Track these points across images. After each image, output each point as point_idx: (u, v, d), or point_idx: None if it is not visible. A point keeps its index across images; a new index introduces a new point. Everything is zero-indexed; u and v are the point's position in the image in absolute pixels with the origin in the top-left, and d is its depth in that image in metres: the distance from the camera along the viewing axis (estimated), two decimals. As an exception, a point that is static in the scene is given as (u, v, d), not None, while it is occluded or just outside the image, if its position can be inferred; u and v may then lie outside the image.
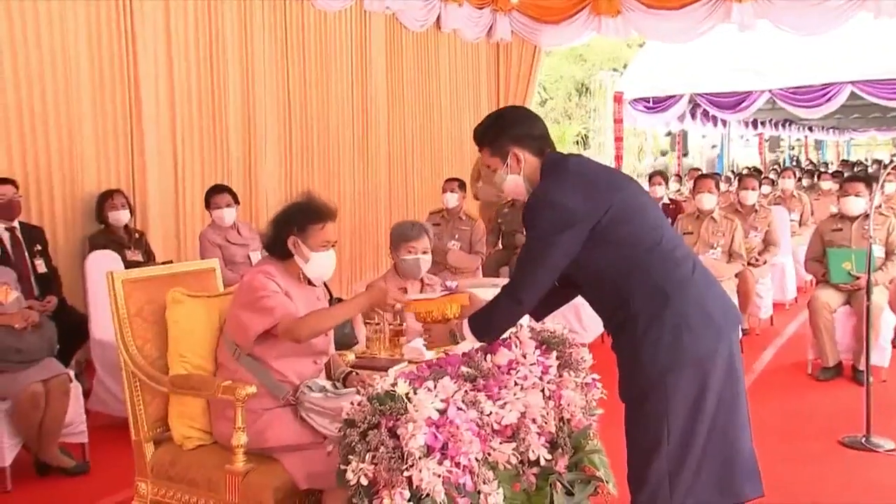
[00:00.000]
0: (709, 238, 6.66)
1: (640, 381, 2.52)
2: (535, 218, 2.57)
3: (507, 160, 2.68)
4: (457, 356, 2.71)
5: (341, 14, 8.53)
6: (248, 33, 7.42)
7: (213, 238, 5.90)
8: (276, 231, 3.02)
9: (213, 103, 7.10)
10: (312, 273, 3.05)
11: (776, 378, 6.19)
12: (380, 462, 2.21)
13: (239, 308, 2.93)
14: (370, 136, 9.04)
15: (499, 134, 2.71)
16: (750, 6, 9.20)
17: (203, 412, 3.03)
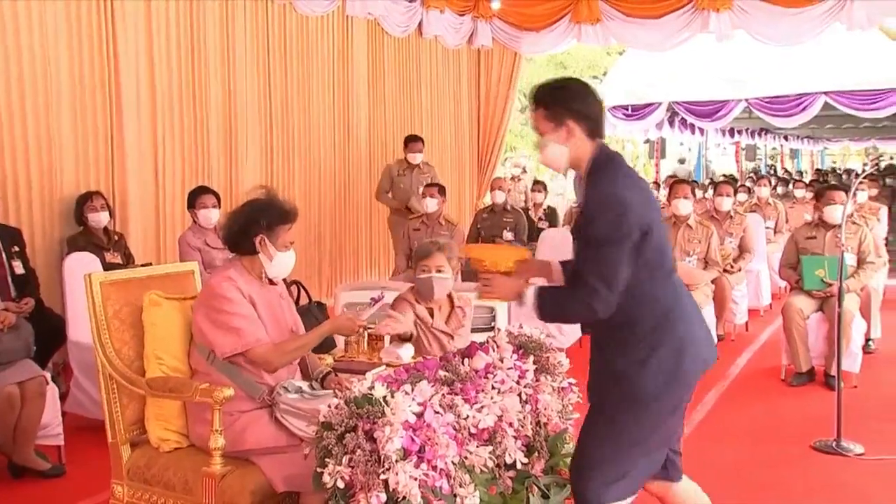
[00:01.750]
0: (685, 245, 6.70)
1: (627, 399, 2.60)
2: (609, 213, 2.51)
3: (559, 129, 2.67)
4: (435, 361, 2.71)
5: (323, 19, 8.52)
6: (229, 36, 7.39)
7: (192, 241, 5.86)
8: (243, 228, 3.02)
9: (194, 106, 7.07)
10: (274, 272, 3.07)
11: (750, 383, 6.23)
12: (356, 465, 2.21)
13: (204, 318, 2.92)
14: (351, 140, 9.04)
15: (560, 100, 2.69)
16: (727, 16, 9.27)
17: (180, 414, 3.01)
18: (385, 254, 9.42)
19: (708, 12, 9.32)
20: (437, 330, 3.93)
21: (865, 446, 4.70)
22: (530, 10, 10.54)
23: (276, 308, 3.08)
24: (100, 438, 3.19)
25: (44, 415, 4.18)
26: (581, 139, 2.67)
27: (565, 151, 2.69)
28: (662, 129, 16.72)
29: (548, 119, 2.69)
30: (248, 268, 3.04)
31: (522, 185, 12.96)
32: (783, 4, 8.99)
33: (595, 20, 10.10)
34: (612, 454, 2.64)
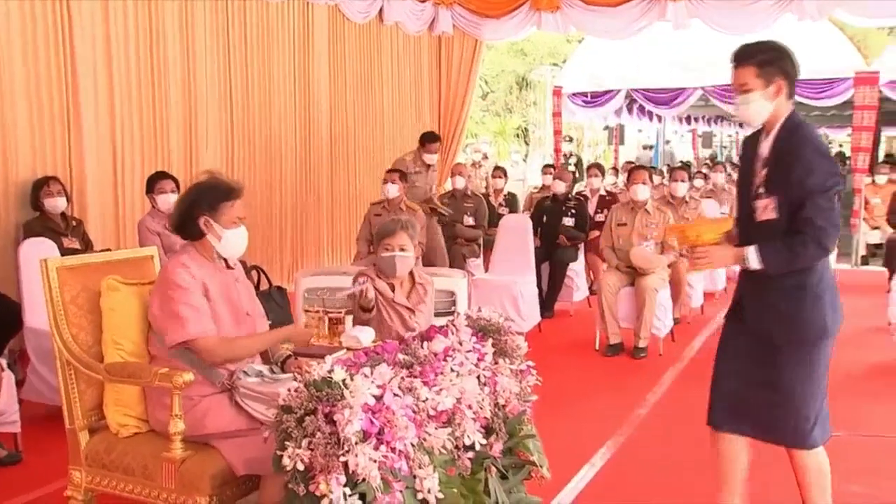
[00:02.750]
0: (642, 229, 6.76)
1: (812, 336, 2.96)
2: (826, 164, 2.88)
3: (769, 86, 2.92)
4: (394, 344, 2.72)
5: (284, 4, 8.43)
6: (189, 21, 7.28)
7: (152, 226, 5.78)
8: (187, 211, 2.99)
9: (153, 91, 6.96)
10: (226, 251, 3.03)
11: (705, 364, 6.23)
12: (316, 447, 2.20)
13: (157, 305, 2.90)
14: (312, 125, 8.97)
15: (775, 60, 2.94)
16: (683, 5, 9.35)
17: (139, 400, 2.98)
18: (346, 239, 9.38)
19: (665, 1, 9.40)
20: (399, 304, 3.94)
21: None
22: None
23: (231, 292, 3.05)
24: (57, 425, 3.15)
25: (0, 402, 4.10)
26: (783, 98, 2.95)
27: (769, 107, 2.95)
28: (621, 116, 16.85)
29: (758, 76, 2.92)
30: (201, 252, 3.01)
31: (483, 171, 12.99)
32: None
33: (555, 8, 10.12)
34: (813, 390, 3.02)
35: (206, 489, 2.72)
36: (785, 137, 2.94)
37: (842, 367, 6.18)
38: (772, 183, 2.94)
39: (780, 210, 2.91)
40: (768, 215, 2.95)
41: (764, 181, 2.97)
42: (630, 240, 6.66)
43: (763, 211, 2.96)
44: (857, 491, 3.92)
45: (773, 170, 2.95)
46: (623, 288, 6.54)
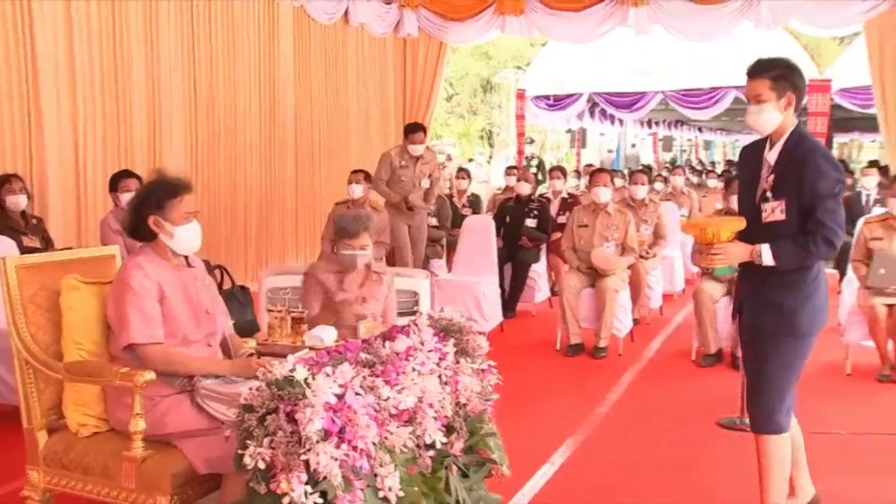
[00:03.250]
0: (603, 231, 6.80)
1: (794, 332, 3.19)
2: (834, 170, 3.11)
3: (781, 99, 3.18)
4: (356, 343, 2.71)
5: (249, 4, 8.38)
6: (153, 18, 7.19)
7: (114, 225, 5.69)
8: (135, 214, 2.95)
9: (116, 90, 6.87)
10: (180, 247, 2.99)
11: (663, 365, 6.39)
12: (277, 446, 2.19)
13: (111, 305, 2.87)
14: (277, 125, 8.92)
15: (788, 76, 3.19)
16: (645, 11, 9.44)
17: (99, 399, 2.94)
18: (311, 239, 9.33)
19: (627, 7, 9.47)
20: (348, 292, 4.08)
21: (768, 423, 4.86)
22: (455, 1, 10.55)
23: (190, 290, 3.01)
24: (14, 424, 3.09)
25: (-43, 401, 4.05)
26: (791, 111, 3.20)
27: (779, 118, 3.19)
28: (583, 120, 16.96)
29: (772, 89, 3.17)
30: (157, 252, 2.97)
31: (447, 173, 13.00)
32: (697, 2, 9.21)
33: (519, 12, 10.16)
34: (791, 380, 3.27)
35: (167, 488, 2.69)
36: (793, 146, 3.19)
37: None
38: (780, 187, 3.18)
39: (788, 212, 3.15)
40: (776, 217, 3.19)
41: (772, 186, 3.20)
42: (591, 241, 6.70)
43: (771, 213, 3.20)
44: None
45: (782, 175, 3.18)
46: (584, 289, 6.58)
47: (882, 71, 8.83)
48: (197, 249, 3.08)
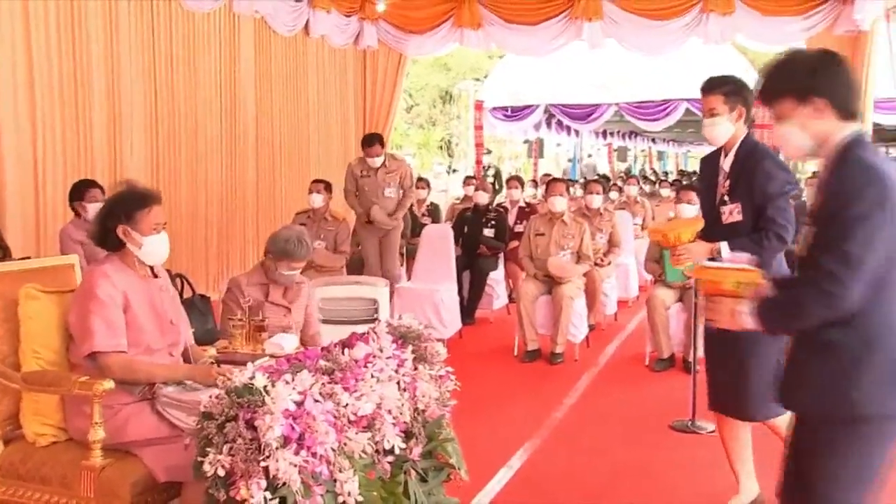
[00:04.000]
0: (560, 240, 6.86)
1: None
2: (782, 173, 3.28)
3: (733, 112, 3.39)
4: (316, 350, 2.70)
5: (210, 16, 8.30)
6: (113, 30, 7.10)
7: (74, 235, 5.61)
8: (103, 224, 2.93)
9: (76, 99, 6.77)
10: (148, 258, 2.98)
11: (618, 369, 6.45)
12: (237, 453, 2.17)
13: (74, 313, 2.84)
14: (238, 136, 8.85)
15: (739, 91, 3.39)
16: (599, 26, 9.56)
17: (57, 409, 2.89)
18: (272, 248, 9.26)
19: (581, 21, 9.58)
20: (273, 303, 4.09)
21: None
22: (414, 14, 10.57)
23: (155, 300, 2.99)
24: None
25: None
26: (741, 122, 3.39)
27: (731, 129, 3.38)
28: (540, 130, 17.07)
29: (725, 103, 3.37)
30: (124, 261, 2.95)
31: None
32: (649, 17, 9.36)
33: (477, 25, 10.21)
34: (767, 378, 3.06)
35: (126, 497, 2.66)
36: (745, 154, 3.42)
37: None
38: (736, 191, 3.40)
39: (744, 213, 3.36)
40: (734, 218, 3.40)
41: (728, 190, 3.43)
42: (548, 250, 6.76)
43: (729, 215, 3.42)
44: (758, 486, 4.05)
45: (737, 180, 3.40)
46: (541, 296, 6.63)
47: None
48: (164, 260, 3.07)
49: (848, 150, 2.21)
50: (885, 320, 2.15)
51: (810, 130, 2.28)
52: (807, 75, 2.28)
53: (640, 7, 9.35)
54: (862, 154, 2.18)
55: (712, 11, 8.97)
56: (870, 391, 2.13)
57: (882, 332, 2.15)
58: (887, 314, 2.15)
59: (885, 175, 2.12)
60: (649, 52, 10.02)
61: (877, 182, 2.10)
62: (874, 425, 2.15)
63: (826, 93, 2.24)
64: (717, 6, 8.93)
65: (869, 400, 2.13)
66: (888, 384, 2.13)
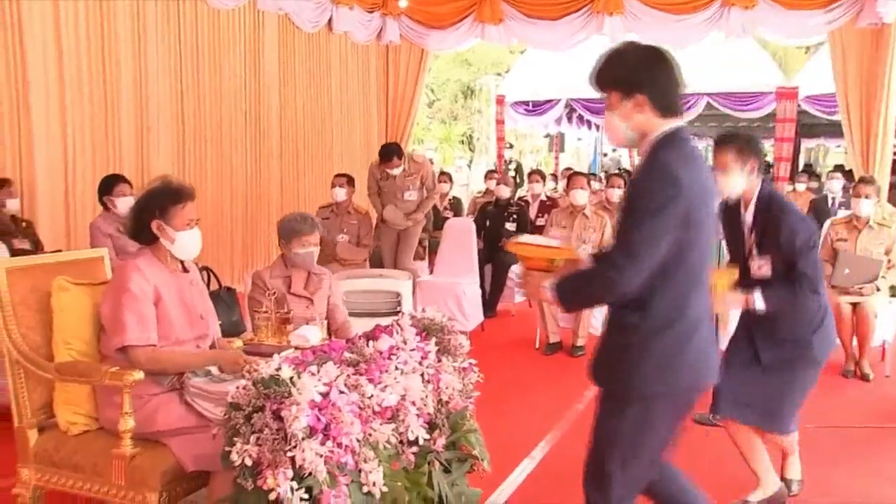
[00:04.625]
0: (581, 233, 6.83)
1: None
2: (805, 225, 3.31)
3: (745, 166, 3.42)
4: (340, 343, 2.71)
5: (235, 13, 8.32)
6: (141, 26, 7.14)
7: (104, 228, 5.66)
8: (138, 218, 2.96)
9: (105, 96, 6.81)
10: (181, 253, 3.00)
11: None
12: (264, 443, 2.19)
13: (107, 306, 2.85)
14: (262, 131, 8.88)
15: (750, 144, 3.47)
16: (619, 20, 9.48)
17: (88, 398, 2.93)
18: (296, 241, 9.28)
19: (602, 16, 9.50)
20: (295, 295, 4.08)
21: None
22: (436, 9, 10.54)
23: (185, 294, 3.01)
24: (5, 424, 3.07)
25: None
26: (754, 175, 3.44)
27: (744, 182, 3.45)
28: (561, 125, 16.99)
29: (737, 159, 3.44)
30: (156, 255, 2.97)
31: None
32: (670, 11, 9.26)
33: (498, 20, 10.16)
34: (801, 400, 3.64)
35: (156, 485, 2.69)
36: (764, 208, 3.45)
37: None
38: (763, 245, 3.45)
39: (773, 266, 3.43)
40: (764, 273, 3.46)
41: (755, 244, 3.49)
42: (569, 243, 6.72)
43: (758, 270, 3.48)
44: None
45: (762, 235, 3.46)
46: (562, 289, 6.59)
47: (845, 79, 8.92)
48: (196, 255, 3.09)
49: (656, 147, 2.35)
50: (675, 304, 2.36)
51: (632, 123, 2.40)
52: (631, 71, 2.40)
53: (662, 1, 9.25)
54: (664, 154, 2.32)
55: (734, 5, 8.86)
56: (653, 373, 2.35)
57: (672, 316, 2.36)
58: (677, 300, 2.36)
59: (680, 176, 2.26)
60: (670, 46, 9.80)
61: (670, 183, 2.25)
62: (655, 402, 2.38)
63: (647, 90, 2.35)
64: (738, 0, 8.83)
65: (652, 381, 2.35)
66: (670, 366, 2.35)
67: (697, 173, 2.34)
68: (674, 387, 2.39)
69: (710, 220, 2.43)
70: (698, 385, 2.48)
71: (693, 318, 2.39)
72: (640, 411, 2.40)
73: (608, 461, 2.47)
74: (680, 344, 2.37)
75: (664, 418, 2.44)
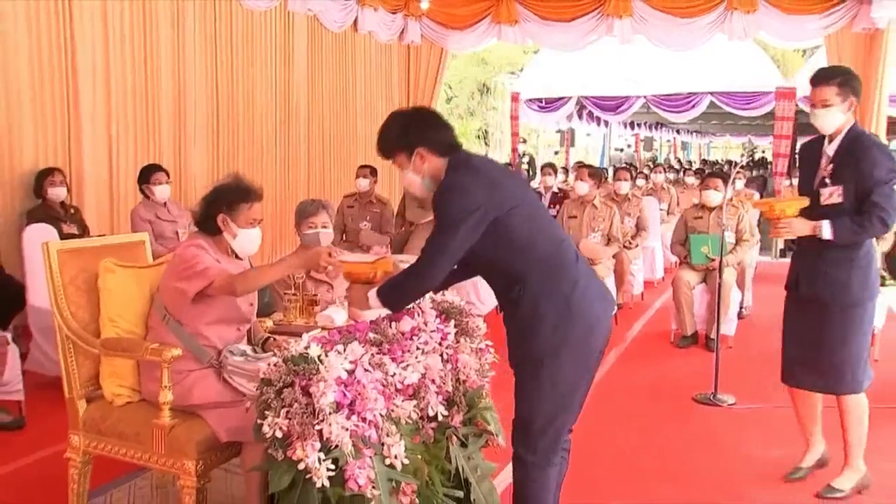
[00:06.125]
0: (590, 222, 6.81)
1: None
2: (887, 161, 3.09)
3: (845, 102, 3.32)
4: (365, 324, 2.71)
5: (267, 13, 8.34)
6: (180, 26, 7.16)
7: (144, 214, 5.72)
8: (207, 209, 2.95)
9: (146, 91, 6.84)
10: (240, 248, 3.00)
11: (644, 346, 6.41)
12: (293, 417, 2.20)
13: (174, 278, 2.85)
14: (291, 125, 8.89)
15: (851, 81, 3.34)
16: (629, 23, 9.41)
17: (131, 372, 2.96)
18: (322, 228, 9.30)
19: (612, 18, 9.44)
20: (314, 279, 4.01)
21: (737, 398, 4.90)
22: (455, 11, 10.51)
23: None
24: (57, 394, 3.12)
25: (5, 373, 4.10)
26: (851, 112, 3.33)
27: (842, 119, 3.35)
28: (572, 121, 16.91)
29: (838, 94, 3.33)
30: (216, 244, 2.97)
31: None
32: (676, 14, 9.19)
33: (513, 21, 10.12)
34: (864, 344, 3.42)
35: (192, 454, 2.71)
36: (851, 141, 3.35)
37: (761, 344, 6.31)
38: (838, 175, 3.34)
39: (845, 196, 3.31)
40: (834, 200, 3.34)
41: (830, 174, 3.37)
42: (580, 232, 6.72)
43: (828, 197, 3.36)
44: (774, 455, 4.02)
45: (840, 165, 3.35)
46: (571, 275, 6.57)
47: (840, 80, 8.82)
48: (254, 253, 3.08)
49: (446, 173, 2.54)
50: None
51: (425, 173, 2.59)
52: (404, 134, 2.59)
53: (668, 5, 9.18)
54: (450, 177, 2.52)
55: (736, 9, 8.79)
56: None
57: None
58: (546, 282, 2.50)
59: (470, 191, 2.46)
60: (676, 47, 9.85)
61: (459, 199, 2.45)
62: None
63: (423, 143, 2.56)
64: (740, 4, 8.74)
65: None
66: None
67: (484, 176, 2.51)
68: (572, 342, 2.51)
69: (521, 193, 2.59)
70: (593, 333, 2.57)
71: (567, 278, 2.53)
72: (549, 369, 2.52)
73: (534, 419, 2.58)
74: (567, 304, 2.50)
75: (571, 369, 2.55)
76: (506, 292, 2.57)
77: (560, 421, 2.60)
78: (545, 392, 2.54)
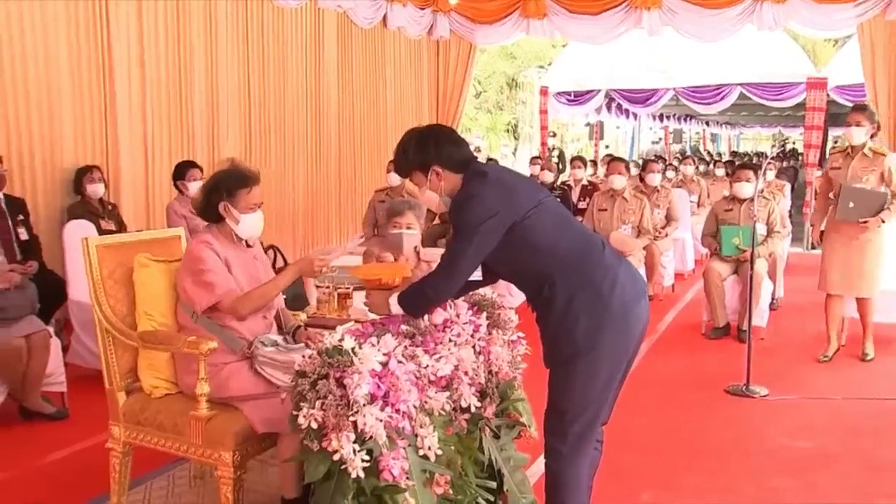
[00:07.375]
0: (621, 215, 6.74)
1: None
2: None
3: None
4: (398, 317, 2.70)
5: (298, 11, 8.36)
6: (212, 25, 7.21)
7: (178, 209, 5.77)
8: (207, 198, 2.96)
9: (180, 91, 6.90)
10: (244, 233, 3.00)
11: (675, 337, 6.33)
12: (328, 408, 2.19)
13: (185, 277, 2.87)
14: (322, 121, 8.92)
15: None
16: (657, 15, 9.30)
17: (168, 364, 2.98)
18: (353, 223, 9.34)
19: (640, 10, 9.34)
20: None
21: (769, 389, 4.82)
22: (484, 6, 10.47)
23: (250, 268, 3.03)
24: (98, 386, 3.15)
25: (48, 365, 4.18)
26: None
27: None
28: (601, 114, 16.77)
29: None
30: (222, 233, 2.98)
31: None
32: (705, 6, 9.07)
33: (542, 15, 10.06)
34: None
35: (230, 445, 2.73)
36: None
37: (793, 335, 6.22)
38: None
39: None
40: None
41: None
42: (610, 224, 6.67)
43: None
44: (804, 445, 3.95)
45: None
46: (601, 268, 6.51)
47: (873, 69, 8.66)
48: (258, 236, 3.09)
49: (462, 186, 2.57)
50: (577, 281, 2.47)
51: (442, 191, 2.61)
52: (419, 153, 2.60)
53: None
54: (466, 188, 2.54)
55: (766, 0, 8.64)
56: (578, 337, 2.45)
57: (576, 290, 2.47)
58: (577, 278, 2.47)
59: (485, 199, 2.46)
60: (705, 39, 9.72)
61: (475, 207, 2.45)
62: (584, 356, 2.47)
63: (438, 161, 2.57)
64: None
65: (578, 343, 2.45)
66: (590, 328, 2.45)
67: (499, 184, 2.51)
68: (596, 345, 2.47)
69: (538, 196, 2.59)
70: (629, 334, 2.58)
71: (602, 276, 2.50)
72: (586, 362, 2.48)
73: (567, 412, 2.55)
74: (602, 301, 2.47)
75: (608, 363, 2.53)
76: (537, 294, 2.54)
77: (593, 413, 2.57)
78: (581, 385, 2.51)
